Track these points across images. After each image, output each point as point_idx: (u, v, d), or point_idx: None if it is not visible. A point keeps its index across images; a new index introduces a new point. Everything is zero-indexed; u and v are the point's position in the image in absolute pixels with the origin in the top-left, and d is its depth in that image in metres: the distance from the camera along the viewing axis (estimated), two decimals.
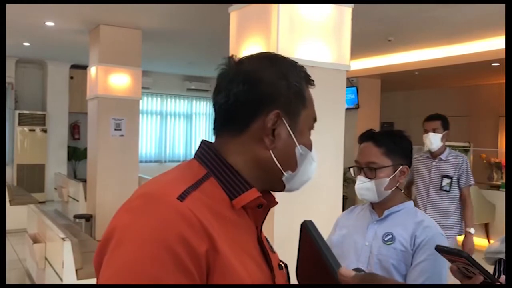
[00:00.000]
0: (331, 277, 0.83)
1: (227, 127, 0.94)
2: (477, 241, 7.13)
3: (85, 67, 7.91)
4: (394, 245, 1.73)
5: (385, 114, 10.74)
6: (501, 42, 6.73)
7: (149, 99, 12.04)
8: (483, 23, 6.21)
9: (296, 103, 0.94)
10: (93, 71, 7.16)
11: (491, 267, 1.97)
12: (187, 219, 0.79)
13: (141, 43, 7.17)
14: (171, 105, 12.46)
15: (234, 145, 0.92)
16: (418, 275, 1.68)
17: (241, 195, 0.89)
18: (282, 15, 3.75)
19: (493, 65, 7.81)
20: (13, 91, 9.91)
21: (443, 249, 1.09)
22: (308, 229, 0.90)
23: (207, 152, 0.93)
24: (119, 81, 7.07)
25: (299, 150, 0.94)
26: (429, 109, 11.58)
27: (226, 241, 0.83)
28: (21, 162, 9.98)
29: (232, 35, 4.25)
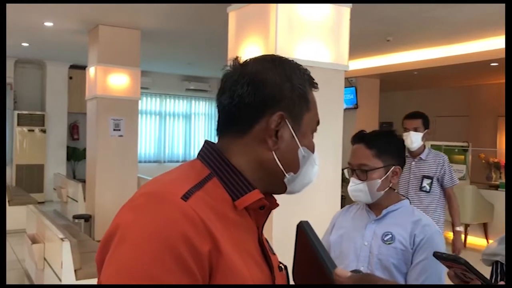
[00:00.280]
0: (327, 277, 0.83)
1: (231, 128, 0.94)
2: (476, 241, 7.19)
3: (84, 67, 7.91)
4: (394, 245, 1.74)
5: (384, 114, 10.74)
6: (499, 42, 6.75)
7: (148, 99, 12.04)
8: (481, 23, 6.22)
9: (299, 106, 0.94)
10: (92, 71, 7.16)
11: (488, 268, 1.97)
12: (190, 219, 0.79)
13: (140, 43, 7.17)
14: (170, 105, 12.46)
15: (237, 146, 0.93)
16: (418, 273, 1.69)
17: (243, 196, 0.90)
18: (280, 15, 3.75)
19: (492, 65, 7.82)
20: (12, 92, 9.89)
21: (441, 256, 1.10)
22: (304, 230, 0.90)
23: (210, 152, 0.93)
24: (118, 81, 7.07)
25: (301, 152, 0.95)
26: (428, 109, 11.60)
27: (228, 242, 0.83)
28: (20, 162, 9.97)
29: (230, 35, 4.25)
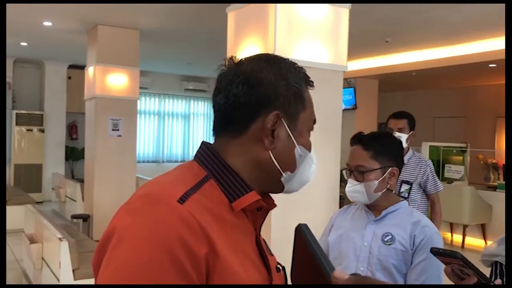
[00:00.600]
0: (325, 280, 0.84)
1: (227, 128, 0.94)
2: (474, 241, 7.20)
3: (83, 67, 7.90)
4: (394, 245, 1.75)
5: (383, 115, 10.69)
6: (498, 43, 6.76)
7: (147, 99, 12.03)
8: (480, 24, 6.23)
9: (295, 104, 0.94)
10: (91, 71, 7.15)
11: (488, 270, 1.97)
12: (187, 222, 0.79)
13: (139, 43, 7.17)
14: (169, 105, 12.45)
15: (233, 146, 0.93)
16: (418, 274, 1.71)
17: (240, 198, 0.89)
18: (279, 15, 3.75)
19: (490, 66, 7.84)
20: (11, 91, 9.89)
21: (438, 252, 1.10)
22: (302, 233, 0.91)
23: (207, 153, 0.93)
24: (117, 81, 7.06)
25: (298, 151, 0.95)
26: (427, 110, 11.63)
27: (225, 244, 0.83)
28: (19, 162, 9.96)
29: (229, 35, 4.25)
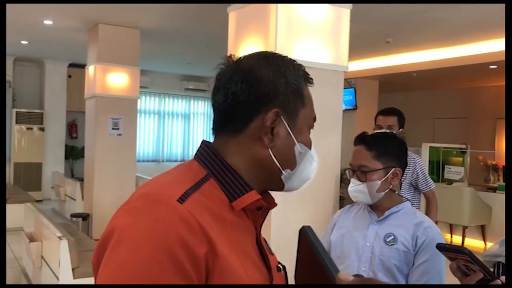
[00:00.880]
0: (329, 282, 0.84)
1: (226, 127, 0.93)
2: (474, 243, 7.20)
3: (83, 66, 7.90)
4: (396, 246, 1.75)
5: None
6: (499, 44, 6.75)
7: (147, 99, 12.03)
8: (481, 25, 6.23)
9: (294, 102, 0.93)
10: (91, 70, 7.15)
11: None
12: (186, 222, 0.79)
13: (139, 42, 7.17)
14: (169, 104, 12.45)
15: (233, 145, 0.92)
16: (420, 275, 1.70)
17: (240, 197, 0.89)
18: (280, 15, 3.75)
19: (491, 67, 7.83)
20: (11, 89, 9.88)
21: (444, 247, 1.10)
22: (306, 235, 0.91)
23: (207, 152, 0.93)
24: (117, 80, 7.06)
25: (298, 148, 0.94)
26: (427, 111, 11.61)
27: (225, 243, 0.83)
28: (18, 160, 9.95)
29: (230, 35, 4.25)
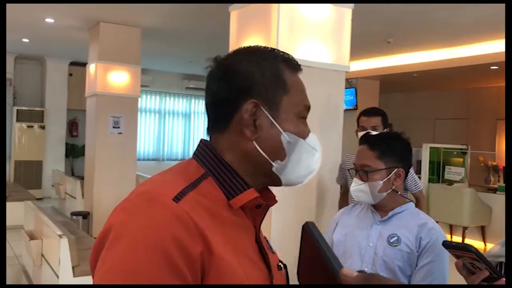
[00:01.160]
0: (333, 277, 0.83)
1: (215, 125, 0.94)
2: (474, 244, 7.20)
3: (84, 64, 7.89)
4: (399, 247, 1.74)
5: None
6: (499, 45, 6.75)
7: (148, 97, 12.03)
8: (482, 26, 6.22)
9: (274, 90, 0.92)
10: (92, 68, 7.15)
11: None
12: (181, 220, 0.79)
13: (140, 41, 7.17)
14: (170, 103, 12.45)
15: (222, 143, 0.93)
16: (423, 276, 1.70)
17: (238, 195, 0.89)
18: (282, 15, 3.74)
19: (492, 68, 7.83)
20: (12, 87, 9.88)
21: (450, 245, 1.09)
22: (310, 230, 0.91)
23: (205, 151, 0.93)
24: (118, 78, 7.06)
25: (285, 137, 0.92)
26: (428, 111, 11.60)
27: (222, 242, 0.83)
28: (19, 158, 9.96)
29: (232, 34, 4.25)
